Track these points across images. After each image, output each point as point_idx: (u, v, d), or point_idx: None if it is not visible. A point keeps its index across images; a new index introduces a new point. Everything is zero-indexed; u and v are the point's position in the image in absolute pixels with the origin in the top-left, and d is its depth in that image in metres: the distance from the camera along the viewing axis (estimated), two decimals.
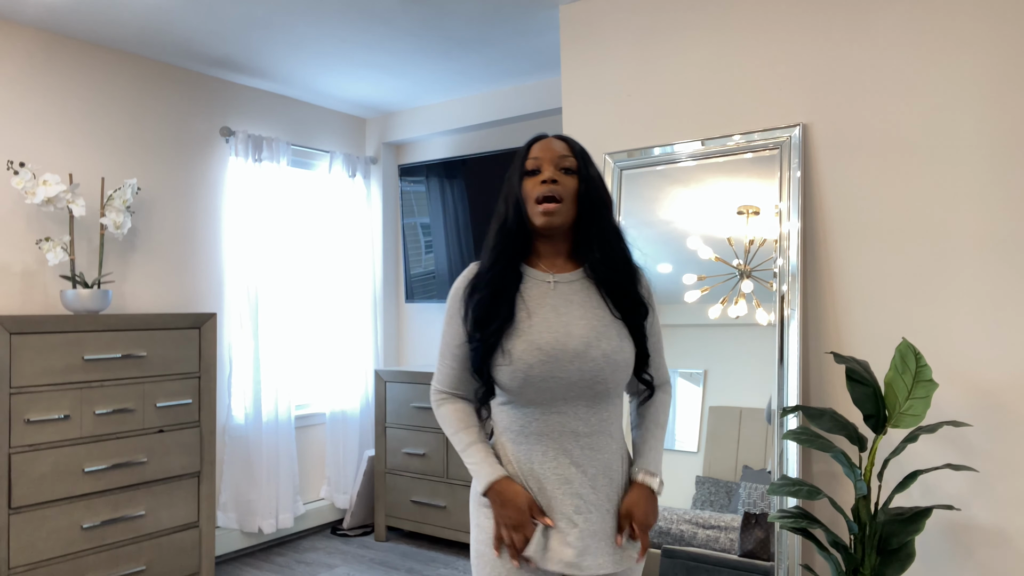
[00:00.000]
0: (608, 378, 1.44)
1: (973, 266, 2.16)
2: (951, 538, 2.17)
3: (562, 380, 1.42)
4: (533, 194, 1.48)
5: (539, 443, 1.46)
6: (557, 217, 1.47)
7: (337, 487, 4.27)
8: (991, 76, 2.14)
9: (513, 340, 1.44)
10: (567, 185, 1.48)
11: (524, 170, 1.51)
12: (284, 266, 4.01)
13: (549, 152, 1.50)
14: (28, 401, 2.74)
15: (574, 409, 1.45)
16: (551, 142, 1.52)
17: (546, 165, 1.49)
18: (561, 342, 1.43)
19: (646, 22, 2.80)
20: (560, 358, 1.42)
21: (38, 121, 3.18)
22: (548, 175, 1.47)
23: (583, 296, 1.50)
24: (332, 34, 3.27)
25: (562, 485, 1.44)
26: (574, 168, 1.50)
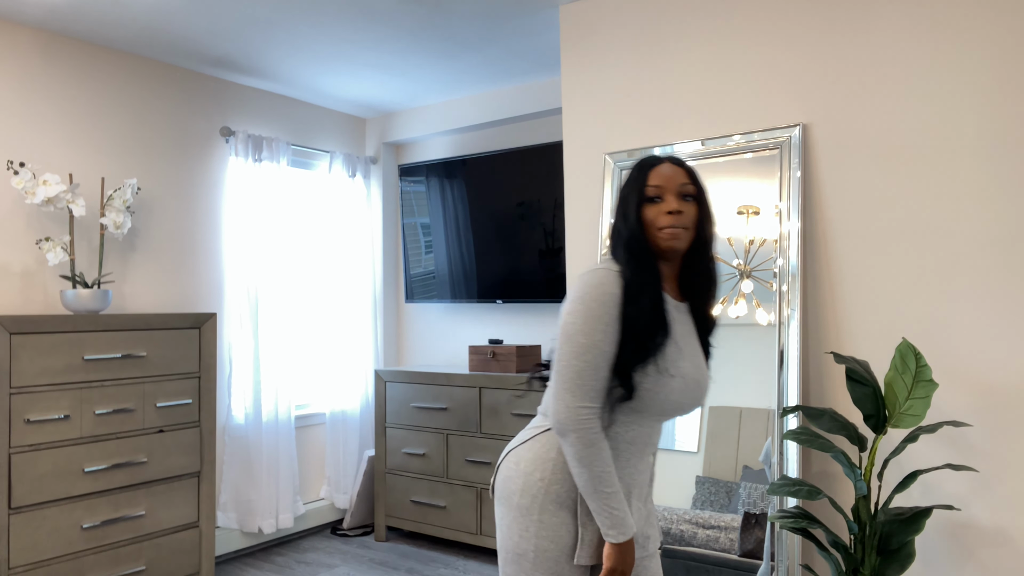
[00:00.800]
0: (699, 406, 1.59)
1: (973, 266, 2.16)
2: (951, 538, 2.17)
3: (682, 405, 1.53)
4: (657, 222, 1.51)
5: (631, 447, 1.54)
6: (682, 242, 1.51)
7: (337, 487, 4.27)
8: (991, 76, 2.14)
9: (669, 361, 1.50)
10: (689, 212, 1.52)
11: (644, 197, 1.53)
12: (284, 266, 4.01)
13: (670, 181, 1.53)
14: (28, 401, 2.74)
15: (658, 424, 1.58)
16: (671, 170, 1.54)
17: (668, 195, 1.52)
18: (699, 370, 1.55)
19: (646, 22, 2.80)
20: (691, 385, 1.52)
21: (38, 121, 3.18)
22: (674, 206, 1.50)
23: (690, 324, 1.60)
24: (332, 34, 3.27)
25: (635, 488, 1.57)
26: (694, 195, 1.54)
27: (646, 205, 1.52)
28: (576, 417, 1.44)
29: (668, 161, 1.56)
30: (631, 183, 1.56)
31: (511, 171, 3.96)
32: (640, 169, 1.56)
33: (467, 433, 3.73)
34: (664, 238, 1.50)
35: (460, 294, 4.20)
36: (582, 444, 1.44)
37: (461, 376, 3.76)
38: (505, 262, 3.99)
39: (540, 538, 1.49)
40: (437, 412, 3.85)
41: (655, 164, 1.55)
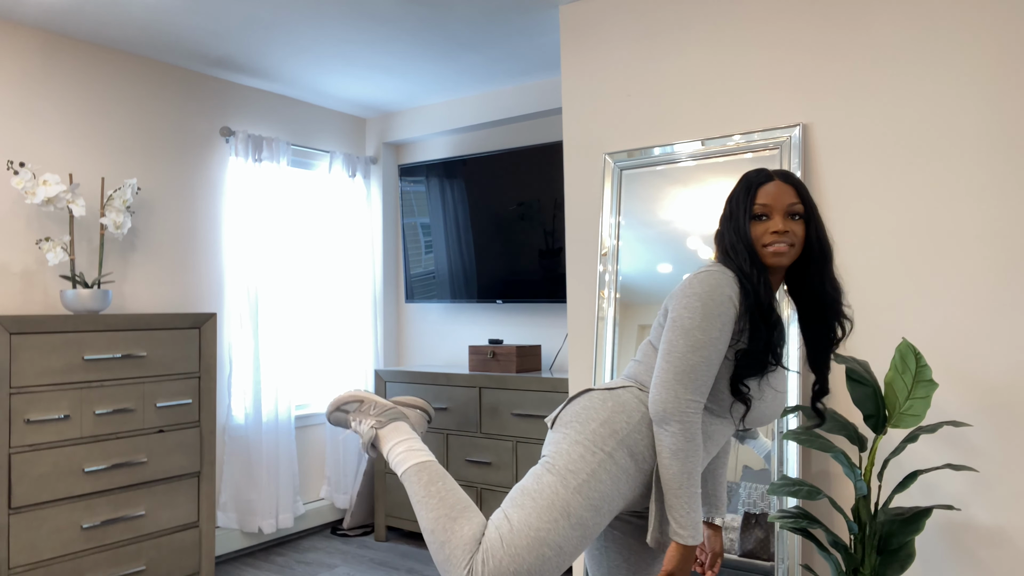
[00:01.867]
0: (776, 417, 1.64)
1: (973, 266, 2.16)
2: (951, 538, 2.17)
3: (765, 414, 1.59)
4: (763, 240, 1.56)
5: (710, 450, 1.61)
6: (786, 258, 1.56)
7: (337, 487, 4.27)
8: (991, 75, 2.14)
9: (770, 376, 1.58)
10: (796, 231, 1.57)
11: (752, 214, 1.58)
12: (284, 266, 4.01)
13: (777, 200, 1.57)
14: (28, 401, 2.74)
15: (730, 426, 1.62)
16: (779, 188, 1.58)
17: (775, 214, 1.56)
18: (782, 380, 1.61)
19: (646, 22, 2.80)
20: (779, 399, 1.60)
21: (38, 121, 3.18)
22: (779, 227, 1.55)
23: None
24: (332, 34, 3.27)
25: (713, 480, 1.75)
26: (801, 213, 1.57)
27: (754, 223, 1.57)
28: (684, 409, 1.48)
29: (777, 178, 1.59)
30: (740, 199, 1.60)
31: (511, 171, 3.96)
32: (748, 185, 1.60)
33: (467, 433, 3.73)
34: (768, 254, 1.55)
35: (460, 294, 4.20)
36: (684, 437, 1.47)
37: (461, 376, 3.76)
38: (505, 262, 3.99)
39: (601, 469, 1.48)
40: (437, 412, 3.85)
41: (764, 182, 1.59)
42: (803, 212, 1.58)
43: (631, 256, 2.72)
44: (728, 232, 1.59)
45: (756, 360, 1.51)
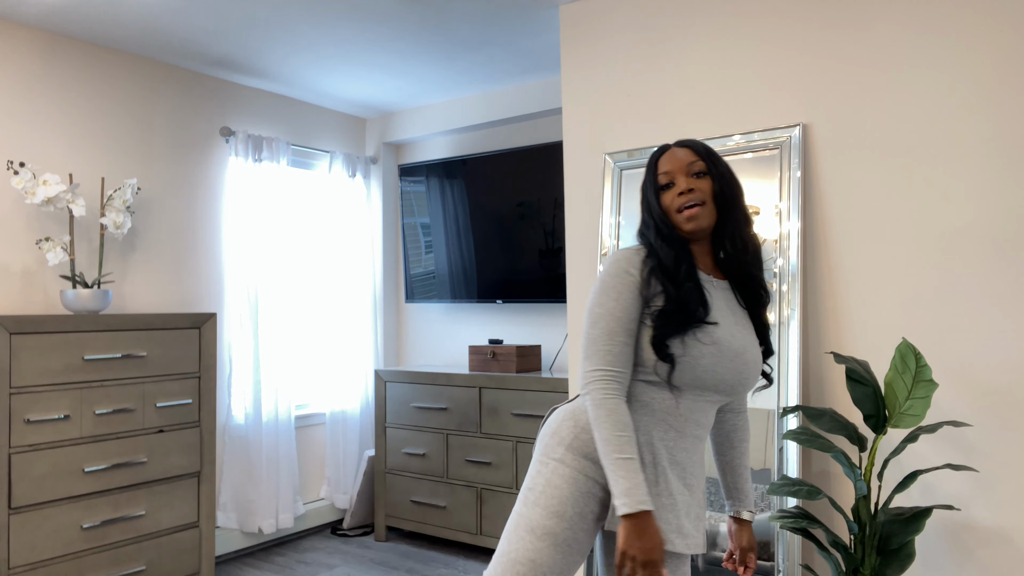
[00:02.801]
0: (748, 384, 1.55)
1: (973, 266, 2.16)
2: (951, 538, 2.17)
3: (724, 377, 1.51)
4: (674, 206, 1.53)
5: (672, 426, 1.52)
6: (703, 219, 1.52)
7: (337, 487, 4.27)
8: (991, 76, 2.14)
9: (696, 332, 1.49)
10: (703, 188, 1.53)
11: (658, 186, 1.56)
12: (284, 266, 4.01)
13: (676, 163, 1.55)
14: (28, 401, 2.74)
15: (707, 404, 1.54)
16: (675, 152, 1.57)
17: (678, 176, 1.54)
18: (728, 342, 1.51)
19: (646, 22, 2.80)
20: (726, 352, 1.50)
21: (38, 121, 3.18)
22: (683, 186, 1.52)
23: (732, 301, 1.59)
24: (332, 34, 3.27)
25: (676, 468, 1.52)
26: (704, 170, 1.54)
27: (663, 193, 1.56)
28: (588, 381, 1.49)
29: (676, 145, 1.59)
30: (646, 176, 1.59)
31: (511, 171, 3.96)
32: (651, 160, 1.60)
33: (467, 433, 3.73)
34: (683, 220, 1.52)
35: (460, 294, 4.20)
36: (593, 405, 1.47)
37: (461, 376, 3.76)
38: (505, 262, 3.99)
39: (555, 476, 1.50)
40: (437, 412, 3.85)
41: (663, 152, 1.59)
42: (705, 168, 1.55)
43: None
44: (645, 213, 1.59)
45: (669, 319, 1.48)
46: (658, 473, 1.50)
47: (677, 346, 1.48)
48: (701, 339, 1.48)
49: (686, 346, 1.48)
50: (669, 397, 1.52)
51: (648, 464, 1.50)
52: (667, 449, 1.52)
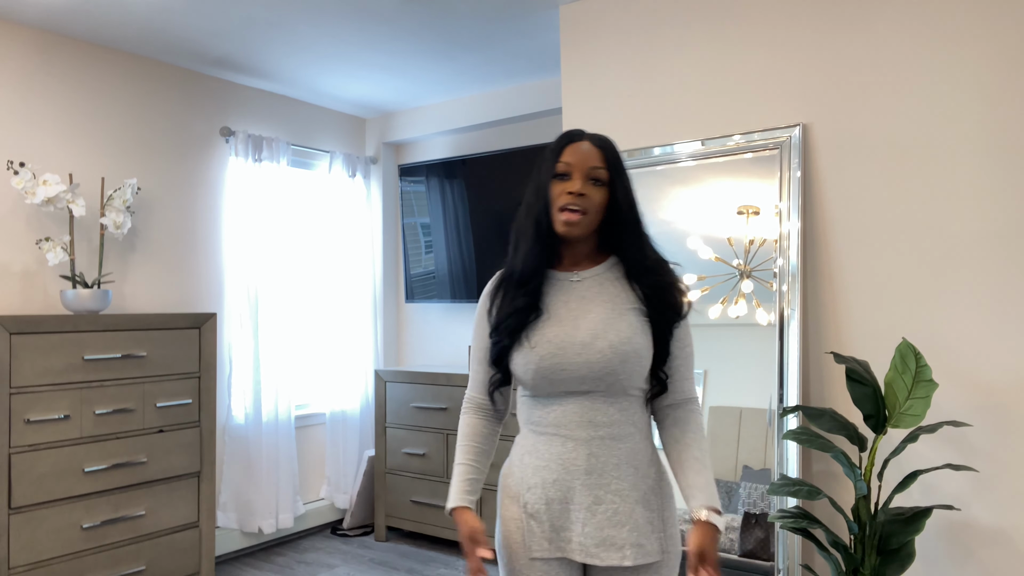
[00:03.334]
0: (617, 369, 1.44)
1: (973, 266, 2.16)
2: (951, 538, 2.17)
3: (572, 372, 1.45)
4: (559, 200, 1.48)
5: (557, 434, 1.48)
6: (577, 228, 1.47)
7: (337, 487, 4.27)
8: (991, 76, 2.14)
9: (530, 335, 1.48)
10: (594, 198, 1.47)
11: (555, 172, 1.49)
12: (284, 266, 4.01)
13: (582, 159, 1.48)
14: (28, 401, 2.74)
15: (592, 400, 1.47)
16: (585, 149, 1.49)
17: (576, 173, 1.47)
18: (569, 334, 1.46)
19: (646, 22, 2.80)
20: (567, 350, 1.45)
21: (38, 121, 3.18)
22: (577, 187, 1.46)
23: (600, 289, 1.51)
24: (332, 34, 3.27)
25: (581, 476, 1.46)
26: (604, 180, 1.48)
27: (555, 182, 1.49)
28: (463, 405, 1.64)
29: (589, 139, 1.51)
30: (547, 158, 1.52)
31: (511, 171, 3.96)
32: (558, 143, 1.52)
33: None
34: (559, 220, 1.48)
35: (460, 294, 4.20)
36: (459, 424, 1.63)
37: (461, 376, 3.76)
38: None
39: (499, 529, 1.56)
40: (437, 412, 3.85)
41: (574, 139, 1.51)
42: (606, 178, 1.48)
43: None
44: (529, 193, 1.55)
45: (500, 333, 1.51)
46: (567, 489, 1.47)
47: (516, 355, 1.49)
48: (532, 341, 1.47)
49: (522, 352, 1.48)
50: (542, 406, 1.50)
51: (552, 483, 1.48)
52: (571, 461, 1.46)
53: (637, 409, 1.51)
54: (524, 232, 1.53)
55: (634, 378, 1.48)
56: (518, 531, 1.50)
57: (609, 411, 1.47)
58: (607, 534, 1.43)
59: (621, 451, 1.47)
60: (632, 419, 1.49)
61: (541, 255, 1.51)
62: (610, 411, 1.47)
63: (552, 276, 1.55)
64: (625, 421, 1.48)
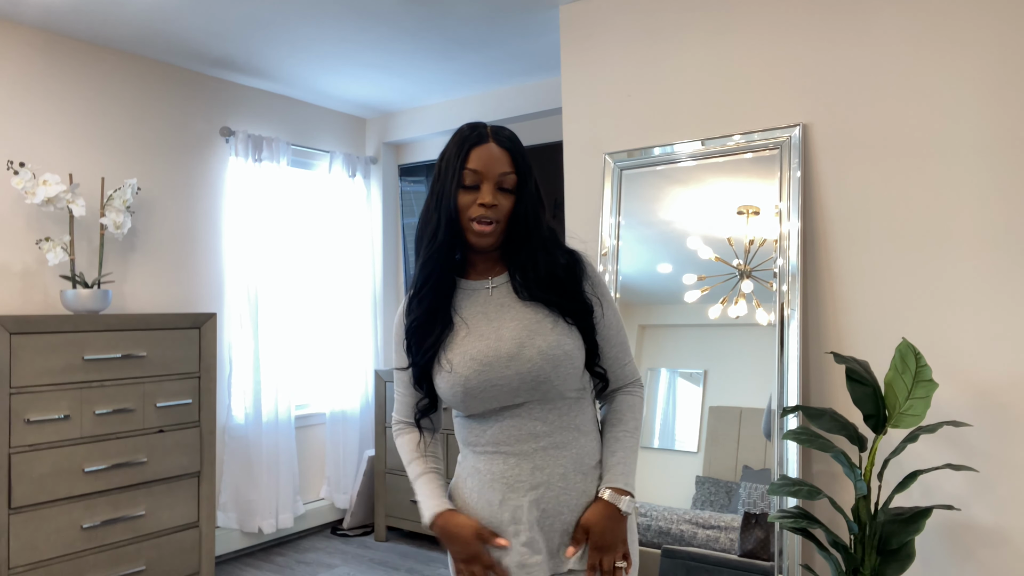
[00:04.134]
0: (550, 375, 1.36)
1: (973, 266, 2.16)
2: (951, 538, 2.17)
3: (504, 386, 1.36)
4: (468, 212, 1.38)
5: (498, 451, 1.40)
6: (491, 238, 1.39)
7: (337, 487, 4.27)
8: (991, 76, 2.14)
9: (447, 354, 1.40)
10: (504, 206, 1.39)
11: (461, 181, 1.38)
12: (284, 266, 4.01)
13: (491, 167, 1.38)
14: (28, 401, 2.74)
15: (528, 411, 1.39)
16: (493, 154, 1.39)
17: (486, 183, 1.37)
18: (493, 348, 1.37)
19: (646, 22, 2.80)
20: (495, 364, 1.36)
21: (38, 121, 3.18)
22: (488, 199, 1.36)
23: (517, 295, 1.43)
24: (332, 34, 3.27)
25: (528, 492, 1.37)
26: (513, 187, 1.40)
27: (461, 192, 1.38)
28: (392, 429, 1.58)
29: (493, 139, 1.40)
30: (451, 160, 1.40)
31: None
32: (460, 145, 1.40)
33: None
34: (472, 232, 1.39)
35: None
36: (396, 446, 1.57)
37: None
38: None
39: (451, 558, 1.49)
40: None
41: (477, 143, 1.39)
42: (515, 184, 1.39)
43: (631, 256, 2.72)
44: (432, 201, 1.42)
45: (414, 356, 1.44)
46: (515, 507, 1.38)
47: (439, 380, 1.41)
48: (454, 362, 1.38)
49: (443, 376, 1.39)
50: (477, 425, 1.42)
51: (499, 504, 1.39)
52: (515, 478, 1.38)
53: (576, 410, 1.42)
54: (427, 244, 1.43)
55: (569, 381, 1.39)
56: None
57: (548, 418, 1.39)
58: (559, 542, 1.38)
59: (566, 458, 1.39)
60: (573, 423, 1.41)
61: (447, 266, 1.44)
62: (548, 418, 1.39)
63: (464, 286, 1.47)
64: (565, 427, 1.40)
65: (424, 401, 1.48)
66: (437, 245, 1.41)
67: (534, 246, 1.42)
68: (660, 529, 2.48)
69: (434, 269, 1.43)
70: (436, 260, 1.42)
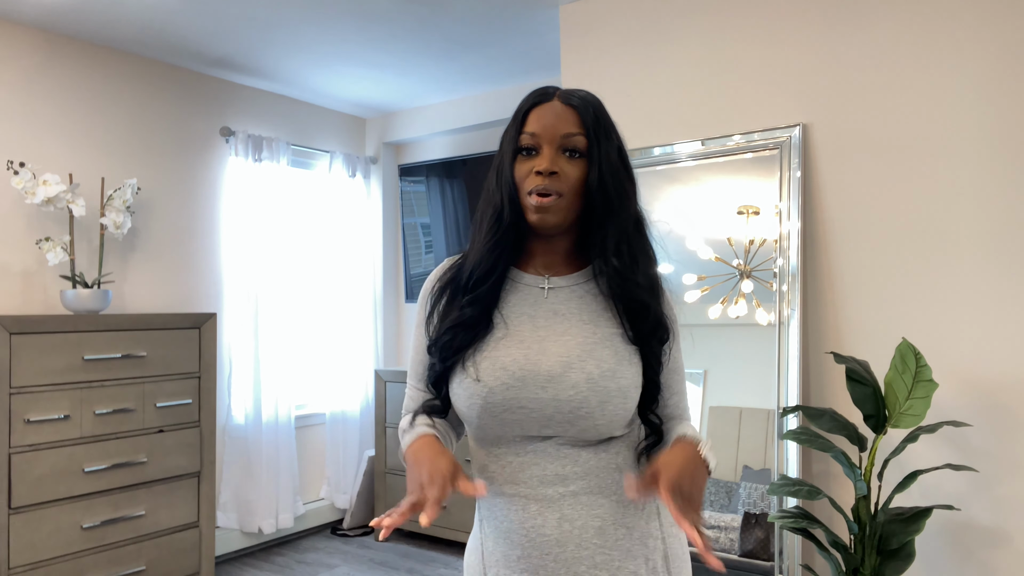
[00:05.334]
0: (594, 411, 1.08)
1: (973, 266, 2.16)
2: (951, 538, 2.17)
3: (533, 411, 1.10)
4: (526, 183, 1.12)
5: (517, 493, 1.12)
6: (554, 215, 1.12)
7: (337, 487, 4.27)
8: (991, 76, 2.14)
9: (476, 356, 1.13)
10: (570, 175, 1.11)
11: (518, 146, 1.14)
12: (284, 266, 4.01)
13: (552, 127, 1.12)
14: (28, 401, 2.74)
15: (557, 448, 1.11)
16: (555, 111, 1.13)
17: (546, 147, 1.12)
18: (533, 361, 1.10)
19: (646, 22, 2.80)
20: (528, 381, 1.09)
21: (38, 121, 3.18)
22: (546, 165, 1.10)
23: (579, 305, 1.17)
24: (332, 34, 3.27)
25: (553, 549, 1.09)
26: (583, 149, 1.12)
27: (520, 159, 1.14)
28: (400, 429, 1.21)
29: (558, 98, 1.15)
30: (509, 126, 1.17)
31: None
32: (522, 107, 1.17)
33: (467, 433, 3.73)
34: (529, 206, 1.12)
35: None
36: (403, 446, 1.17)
37: None
38: None
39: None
40: None
41: (538, 102, 1.15)
42: (584, 147, 1.12)
43: None
44: (492, 177, 1.18)
45: (439, 351, 1.16)
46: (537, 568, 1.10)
47: (457, 385, 1.14)
48: (480, 368, 1.11)
49: (465, 382, 1.12)
50: (492, 454, 1.15)
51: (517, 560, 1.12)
52: (534, 529, 1.10)
53: (622, 448, 1.15)
54: (490, 229, 1.15)
55: (614, 424, 1.11)
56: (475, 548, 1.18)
57: (582, 456, 1.11)
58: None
59: (604, 508, 1.11)
60: (614, 461, 1.13)
61: (501, 251, 1.15)
62: (583, 456, 1.11)
63: (517, 278, 1.19)
64: (605, 467, 1.12)
65: (434, 402, 1.21)
66: (504, 228, 1.14)
67: (623, 226, 1.15)
68: None
69: (497, 261, 1.15)
70: (500, 248, 1.15)
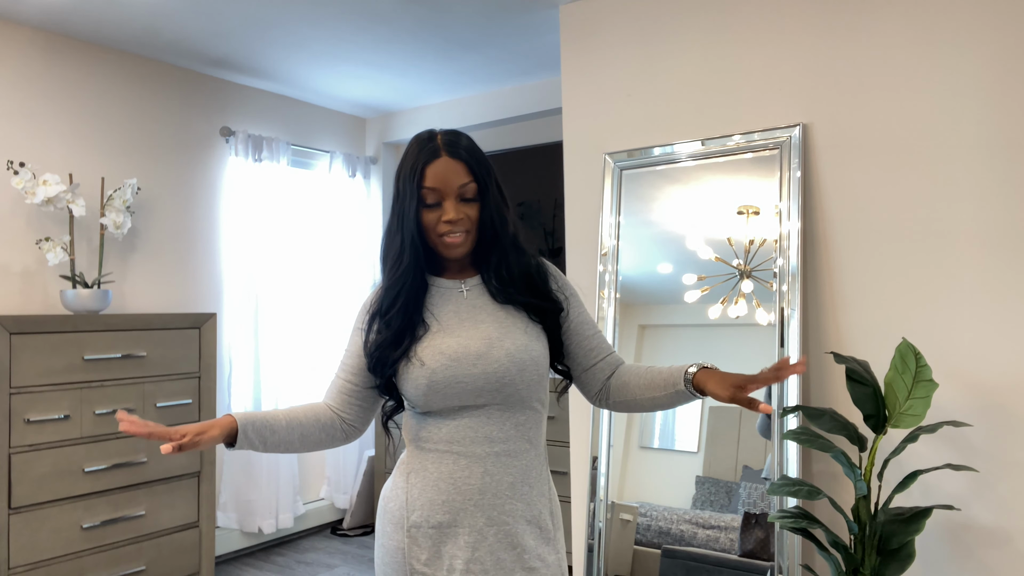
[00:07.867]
0: (515, 378, 1.39)
1: (973, 266, 2.16)
2: (951, 538, 2.17)
3: (468, 384, 1.38)
4: (435, 229, 1.40)
5: (449, 451, 1.40)
6: (463, 247, 1.42)
7: (337, 487, 4.27)
8: (991, 75, 2.14)
9: (418, 348, 1.40)
10: (471, 215, 1.41)
11: (422, 201, 1.39)
12: (284, 266, 4.01)
13: (449, 182, 1.38)
14: (28, 401, 2.74)
15: (487, 414, 1.40)
16: (448, 167, 1.38)
17: (447, 200, 1.39)
18: (463, 345, 1.39)
19: (646, 22, 2.80)
20: (462, 360, 1.38)
21: (38, 121, 3.18)
22: (452, 215, 1.38)
23: (489, 297, 1.47)
24: (332, 34, 3.27)
25: (475, 496, 1.38)
26: (475, 195, 1.41)
27: (425, 211, 1.40)
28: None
29: (446, 152, 1.39)
30: (407, 181, 1.40)
31: (511, 171, 3.96)
32: (414, 165, 1.39)
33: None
34: (443, 246, 1.41)
35: None
36: None
37: None
38: None
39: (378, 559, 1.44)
40: None
41: (430, 160, 1.39)
42: (476, 192, 1.41)
43: (631, 256, 2.72)
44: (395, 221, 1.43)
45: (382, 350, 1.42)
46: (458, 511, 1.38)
47: (404, 373, 1.40)
48: (423, 357, 1.39)
49: (411, 369, 1.39)
50: (433, 422, 1.42)
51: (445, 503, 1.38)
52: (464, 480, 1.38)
53: (533, 425, 1.44)
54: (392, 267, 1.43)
55: (532, 388, 1.42)
56: (400, 559, 1.39)
57: (505, 426, 1.41)
58: (498, 557, 1.36)
59: (516, 468, 1.41)
60: (527, 435, 1.43)
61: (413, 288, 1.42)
62: (506, 426, 1.41)
63: (439, 284, 1.48)
64: (520, 437, 1.42)
65: (391, 404, 1.50)
66: (403, 269, 1.41)
67: (504, 247, 1.45)
68: (660, 529, 2.48)
69: (400, 292, 1.42)
70: (402, 282, 1.42)
